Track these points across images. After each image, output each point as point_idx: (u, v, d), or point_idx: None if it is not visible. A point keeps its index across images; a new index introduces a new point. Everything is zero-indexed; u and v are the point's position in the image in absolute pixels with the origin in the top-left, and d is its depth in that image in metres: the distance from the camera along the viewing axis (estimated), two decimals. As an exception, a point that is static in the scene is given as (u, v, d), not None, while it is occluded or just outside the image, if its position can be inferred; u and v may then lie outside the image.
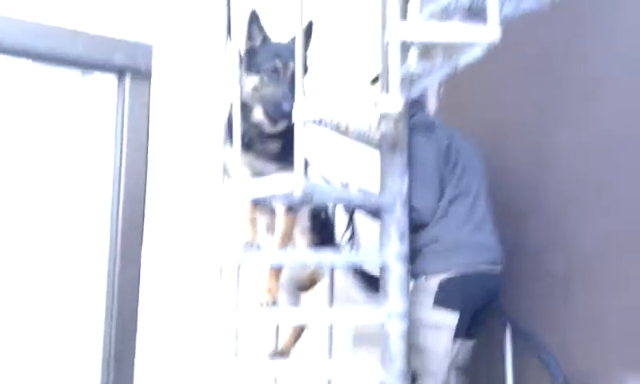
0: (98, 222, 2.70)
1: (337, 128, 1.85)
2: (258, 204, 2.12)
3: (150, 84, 2.74)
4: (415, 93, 2.06)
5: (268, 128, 1.95)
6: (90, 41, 2.61)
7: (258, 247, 2.04)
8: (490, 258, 2.27)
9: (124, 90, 2.71)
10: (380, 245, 2.02)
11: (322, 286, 2.39)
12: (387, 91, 1.62)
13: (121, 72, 2.71)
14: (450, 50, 1.80)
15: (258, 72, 1.93)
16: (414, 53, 1.89)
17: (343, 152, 2.83)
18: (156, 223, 2.73)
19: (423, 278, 2.23)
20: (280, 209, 2.09)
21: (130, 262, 2.65)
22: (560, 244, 2.51)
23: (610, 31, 2.37)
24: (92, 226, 2.69)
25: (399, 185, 2.05)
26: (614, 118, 2.35)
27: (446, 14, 1.92)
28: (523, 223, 2.65)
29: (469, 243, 2.26)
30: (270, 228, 2.20)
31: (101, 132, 2.74)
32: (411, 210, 2.06)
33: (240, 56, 1.93)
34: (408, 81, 1.92)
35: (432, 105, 3.17)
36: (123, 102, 2.71)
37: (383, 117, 1.90)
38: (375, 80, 2.32)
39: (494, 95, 2.88)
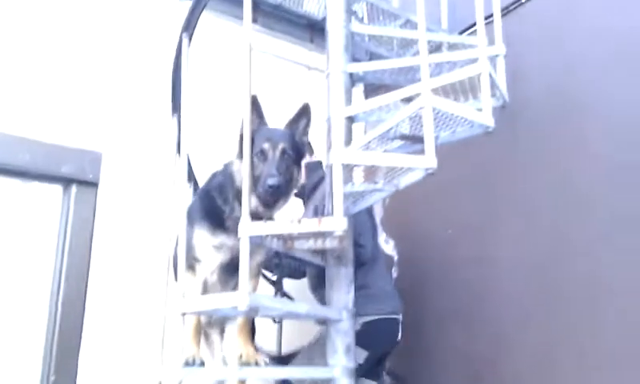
0: (35, 333, 2.58)
1: (283, 242, 1.88)
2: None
3: (96, 193, 2.72)
4: (358, 209, 2.15)
5: (263, 213, 1.95)
6: (38, 149, 2.59)
7: (201, 363, 1.99)
8: (398, 307, 2.53)
9: (69, 200, 2.67)
10: (327, 356, 2.03)
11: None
12: (332, 212, 1.67)
13: (67, 182, 2.68)
14: (392, 173, 1.90)
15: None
16: (359, 174, 2.00)
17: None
18: (96, 334, 2.64)
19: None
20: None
21: (66, 374, 2.52)
22: (502, 357, 2.56)
23: (543, 157, 2.55)
24: (29, 338, 2.57)
25: (345, 298, 2.08)
26: (547, 234, 2.48)
27: (387, 136, 2.04)
28: (466, 329, 2.70)
29: (388, 292, 2.55)
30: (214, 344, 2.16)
31: (43, 241, 2.67)
32: (360, 246, 2.31)
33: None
34: (352, 199, 2.00)
35: (378, 214, 3.27)
36: (68, 210, 2.67)
37: (329, 234, 1.96)
38: None
39: (436, 206, 3.00)
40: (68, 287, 2.61)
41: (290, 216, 1.97)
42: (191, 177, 2.46)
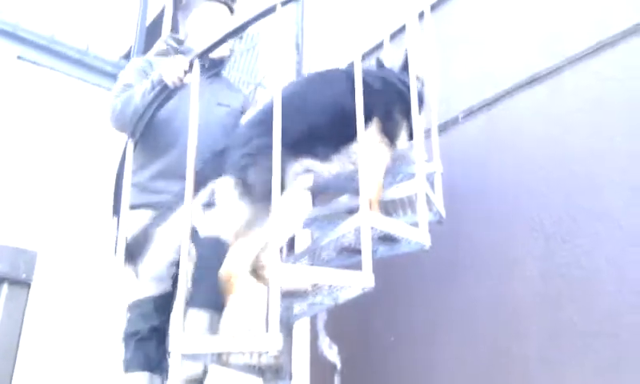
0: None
1: (218, 357, 1.83)
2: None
3: (28, 291, 2.63)
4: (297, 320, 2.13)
5: None
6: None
7: None
8: None
9: (-1, 298, 2.57)
10: None
11: None
12: (267, 330, 1.65)
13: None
14: (330, 288, 1.90)
15: None
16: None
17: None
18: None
19: None
20: None
21: None
22: None
23: (481, 271, 2.61)
24: None
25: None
26: (486, 346, 2.50)
27: (326, 249, 2.06)
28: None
29: None
30: None
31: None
32: None
33: None
34: (289, 316, 1.98)
35: (322, 319, 3.24)
36: (-5, 308, 2.55)
37: (264, 352, 1.92)
38: None
39: (379, 312, 2.99)
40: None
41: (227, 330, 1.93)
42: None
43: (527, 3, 2.69)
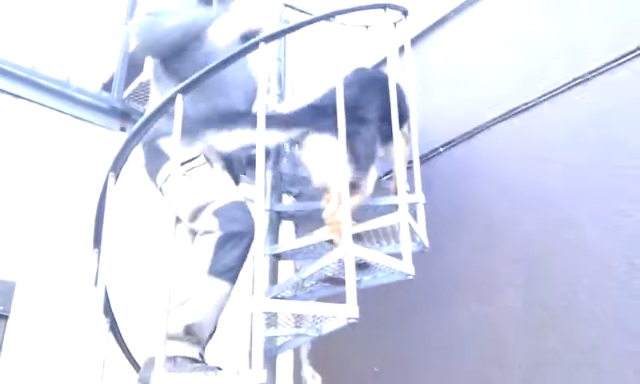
0: None
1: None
2: None
3: (5, 324, 2.57)
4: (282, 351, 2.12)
5: None
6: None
7: None
8: None
9: (-26, 332, 2.51)
10: None
11: None
12: (250, 365, 1.64)
13: (-26, 313, 2.53)
14: (315, 318, 1.90)
15: None
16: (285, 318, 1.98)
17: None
18: None
19: None
20: None
21: None
22: None
23: (462, 299, 2.63)
24: None
25: None
26: (469, 374, 2.50)
27: (309, 280, 2.07)
28: None
29: None
30: None
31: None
32: None
33: None
34: (274, 345, 1.97)
35: (305, 348, 3.21)
36: (-29, 343, 2.49)
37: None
38: None
39: (363, 342, 2.98)
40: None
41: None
42: (108, 311, 2.37)
43: (506, 38, 2.78)
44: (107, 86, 3.63)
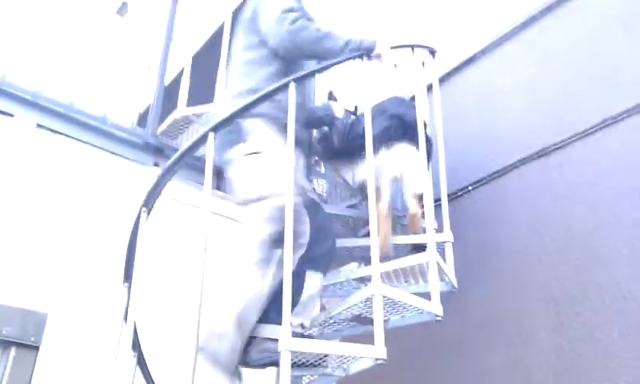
0: None
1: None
2: None
3: (36, 356, 2.60)
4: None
5: None
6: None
7: None
8: None
9: (6, 362, 2.54)
10: None
11: None
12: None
13: (6, 344, 2.56)
14: (342, 358, 1.89)
15: None
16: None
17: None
18: None
19: None
20: None
21: None
22: None
23: (493, 338, 2.58)
24: None
25: None
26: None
27: (339, 318, 2.06)
28: None
29: None
30: None
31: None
32: None
33: None
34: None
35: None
36: (3, 374, 2.53)
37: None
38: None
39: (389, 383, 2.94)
40: None
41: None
42: (136, 345, 2.39)
43: (536, 78, 2.77)
44: (143, 117, 3.69)
